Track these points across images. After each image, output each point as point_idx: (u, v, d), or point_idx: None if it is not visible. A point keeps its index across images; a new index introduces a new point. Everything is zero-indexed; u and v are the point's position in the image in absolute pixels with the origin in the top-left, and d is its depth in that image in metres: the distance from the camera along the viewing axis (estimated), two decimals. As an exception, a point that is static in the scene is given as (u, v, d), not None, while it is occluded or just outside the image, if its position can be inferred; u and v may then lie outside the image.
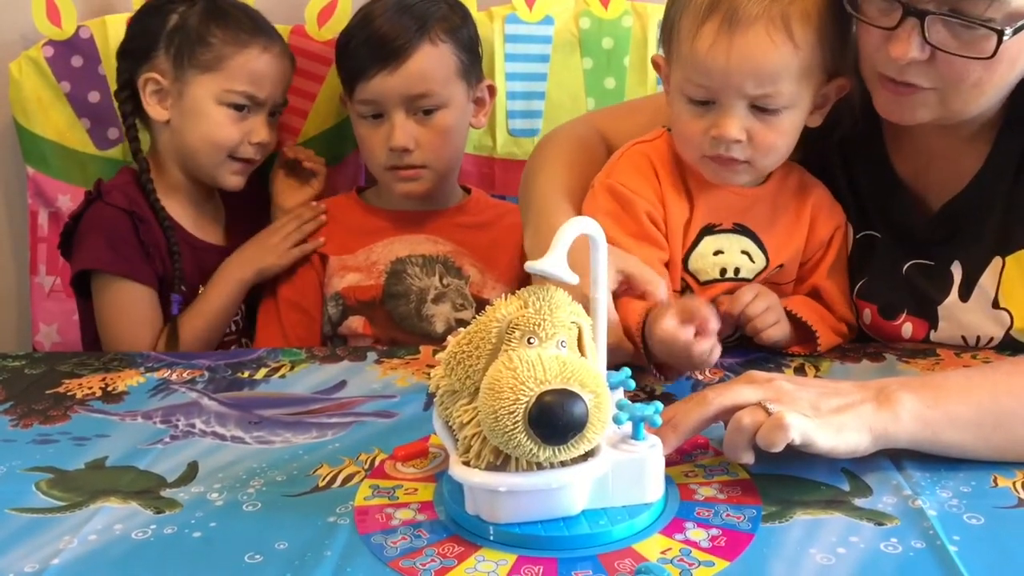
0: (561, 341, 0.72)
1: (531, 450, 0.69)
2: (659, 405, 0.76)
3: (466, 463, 0.74)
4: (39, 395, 1.03)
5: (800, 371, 1.05)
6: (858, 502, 0.77)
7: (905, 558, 0.70)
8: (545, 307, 0.72)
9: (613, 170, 1.12)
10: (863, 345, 1.13)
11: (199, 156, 1.36)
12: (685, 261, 1.09)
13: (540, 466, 0.72)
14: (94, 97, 1.51)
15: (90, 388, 1.05)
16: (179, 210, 1.40)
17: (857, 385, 0.84)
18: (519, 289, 0.75)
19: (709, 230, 1.09)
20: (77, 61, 1.50)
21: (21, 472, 0.87)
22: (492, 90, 1.42)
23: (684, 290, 1.10)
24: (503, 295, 0.75)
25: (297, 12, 1.52)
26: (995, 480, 0.80)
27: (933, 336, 1.09)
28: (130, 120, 1.40)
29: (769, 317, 1.07)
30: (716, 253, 1.09)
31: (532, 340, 0.72)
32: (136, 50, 1.38)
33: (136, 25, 1.40)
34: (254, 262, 1.37)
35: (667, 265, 1.08)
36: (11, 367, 1.12)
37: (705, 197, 1.09)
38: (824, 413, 0.79)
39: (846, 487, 0.80)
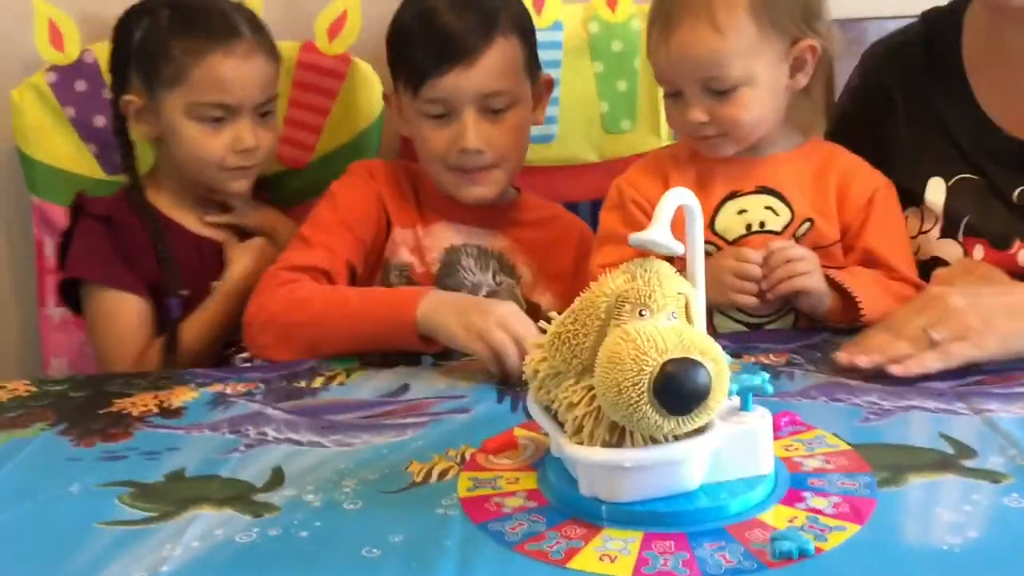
0: (672, 312, 0.72)
1: (655, 421, 0.68)
2: (765, 375, 0.76)
3: (578, 445, 0.72)
4: (92, 416, 1.00)
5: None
6: (967, 463, 0.78)
7: (1032, 510, 0.70)
8: (654, 279, 0.72)
9: (628, 170, 1.25)
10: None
11: (190, 171, 1.34)
12: (712, 226, 1.14)
13: (656, 442, 0.71)
14: (99, 121, 1.48)
15: (145, 406, 1.01)
16: (187, 214, 1.38)
17: None
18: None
19: (732, 196, 1.16)
20: (81, 86, 1.48)
21: (97, 488, 0.83)
22: (549, 84, 1.35)
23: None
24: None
25: (306, 28, 1.51)
26: (1094, 435, 0.81)
27: None
28: (123, 137, 1.37)
29: (801, 265, 1.08)
30: (740, 212, 1.15)
31: (644, 312, 0.71)
32: (114, 71, 1.36)
33: (113, 45, 1.37)
34: (258, 274, 1.28)
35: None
36: (54, 391, 1.08)
37: (725, 172, 1.16)
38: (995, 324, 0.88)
39: (950, 450, 0.80)
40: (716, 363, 0.69)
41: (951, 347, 0.92)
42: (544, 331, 0.80)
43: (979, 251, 1.14)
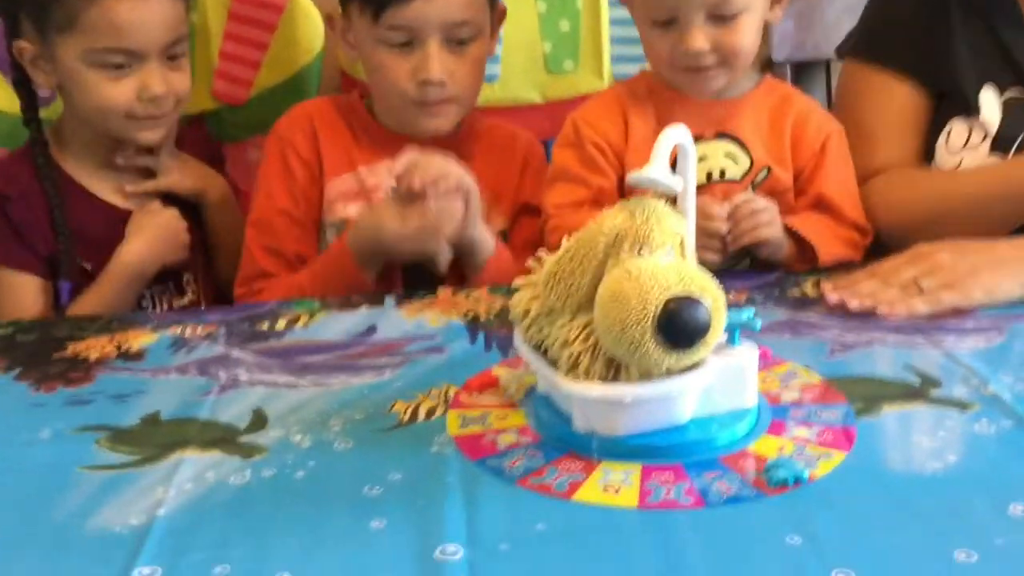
0: (669, 249, 0.73)
1: (657, 357, 0.69)
2: (752, 310, 0.78)
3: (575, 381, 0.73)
4: (48, 360, 0.96)
5: (818, 287, 1.07)
6: (934, 393, 0.81)
7: (1001, 435, 0.74)
8: (652, 217, 0.72)
9: (583, 107, 1.24)
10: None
11: (95, 123, 1.23)
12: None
13: (649, 377, 0.73)
14: (19, 53, 1.40)
15: (103, 349, 0.98)
16: (99, 178, 1.27)
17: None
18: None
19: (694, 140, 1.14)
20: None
21: (71, 432, 0.81)
22: (503, 14, 1.29)
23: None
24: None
25: (243, -42, 1.46)
26: (1047, 364, 0.86)
27: None
28: (22, 88, 1.25)
29: (764, 216, 1.10)
30: (700, 160, 1.16)
31: (643, 250, 0.72)
32: (3, 14, 1.24)
33: None
34: (155, 255, 1.23)
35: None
36: (0, 335, 1.03)
37: (685, 114, 1.14)
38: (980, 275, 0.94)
39: (917, 381, 0.84)
40: (715, 299, 0.70)
41: (939, 294, 0.96)
42: (529, 270, 0.81)
43: None
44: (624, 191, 1.17)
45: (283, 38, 1.46)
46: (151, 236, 1.24)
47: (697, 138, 1.13)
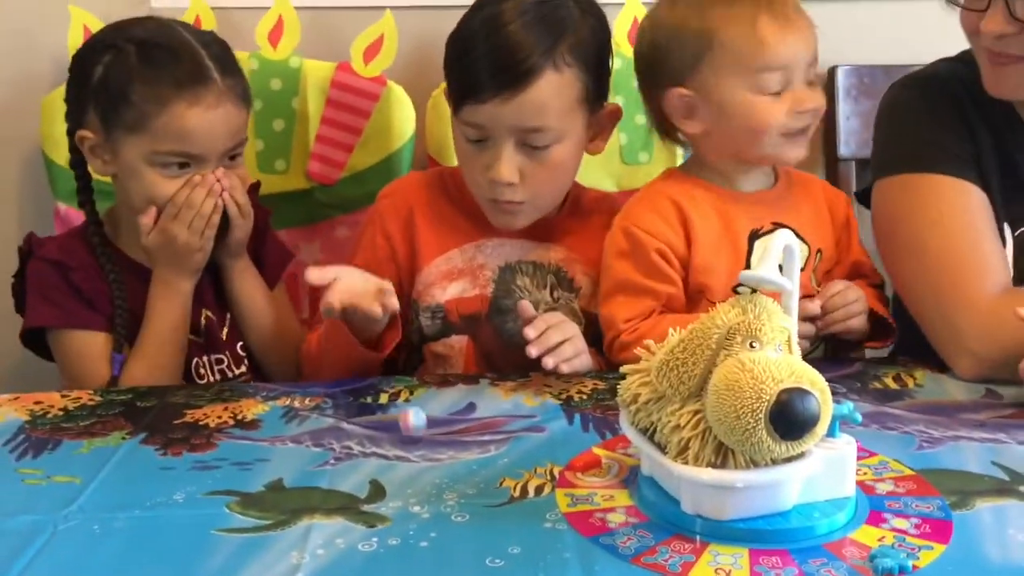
0: (778, 345, 0.78)
1: (768, 446, 0.74)
2: (851, 404, 0.82)
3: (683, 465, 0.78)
4: (169, 426, 1.02)
5: (899, 380, 1.12)
6: (1023, 488, 0.85)
7: (1095, 533, 0.78)
8: (763, 313, 0.78)
9: (630, 212, 1.23)
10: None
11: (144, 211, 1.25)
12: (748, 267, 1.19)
13: (756, 465, 0.77)
14: (126, 130, 1.49)
15: (220, 417, 1.04)
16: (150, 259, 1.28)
17: None
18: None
19: (755, 235, 1.20)
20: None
21: (203, 496, 0.86)
22: (614, 114, 1.26)
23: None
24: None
25: (343, 48, 1.55)
26: None
27: None
28: (79, 171, 1.29)
29: (855, 307, 1.16)
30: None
31: (754, 344, 0.77)
32: (69, 103, 1.28)
33: (71, 76, 1.28)
34: (175, 265, 1.24)
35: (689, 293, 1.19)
36: (121, 400, 1.09)
37: (744, 208, 1.20)
38: None
39: (1006, 477, 0.87)
40: (823, 393, 0.75)
41: None
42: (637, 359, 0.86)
43: None
44: (689, 293, 1.19)
45: (377, 124, 1.55)
46: (156, 261, 1.26)
47: (757, 231, 1.20)
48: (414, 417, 0.98)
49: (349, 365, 1.17)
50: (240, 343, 1.33)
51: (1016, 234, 1.17)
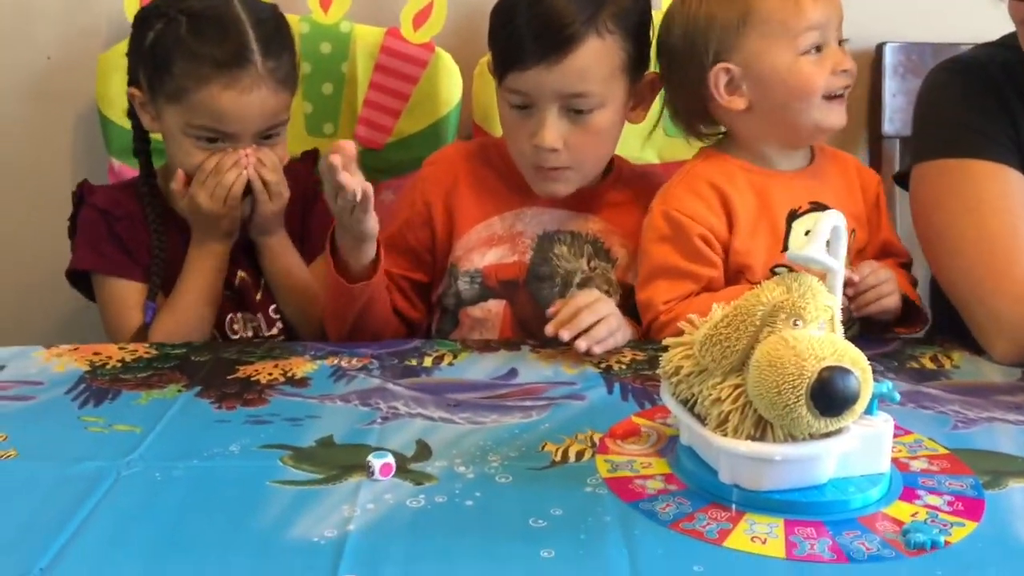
0: (821, 323, 0.80)
1: (808, 421, 0.76)
2: (889, 383, 0.84)
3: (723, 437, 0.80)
4: (223, 380, 1.06)
5: (936, 361, 1.13)
6: (1057, 471, 0.87)
7: (1125, 515, 0.79)
8: (808, 292, 0.79)
9: (670, 195, 1.24)
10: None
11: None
12: (785, 247, 1.20)
13: (794, 439, 0.79)
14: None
15: (271, 374, 1.07)
16: None
17: None
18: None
19: (794, 215, 1.22)
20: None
21: (257, 449, 0.90)
22: (655, 84, 1.28)
23: None
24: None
25: (392, 14, 1.57)
26: None
27: None
28: (135, 121, 1.33)
29: (886, 288, 1.17)
30: (807, 233, 1.18)
31: (798, 322, 0.79)
32: (128, 59, 1.32)
33: (132, 34, 1.32)
34: (204, 229, 1.27)
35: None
36: (176, 354, 1.13)
37: (782, 188, 1.22)
38: None
39: (1040, 459, 0.89)
40: (864, 372, 0.77)
41: None
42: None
43: None
44: (728, 274, 1.21)
45: (424, 90, 1.57)
46: (208, 269, 1.29)
47: (795, 212, 1.22)
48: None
49: (339, 307, 1.21)
50: (273, 306, 1.36)
51: None
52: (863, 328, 1.23)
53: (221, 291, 1.31)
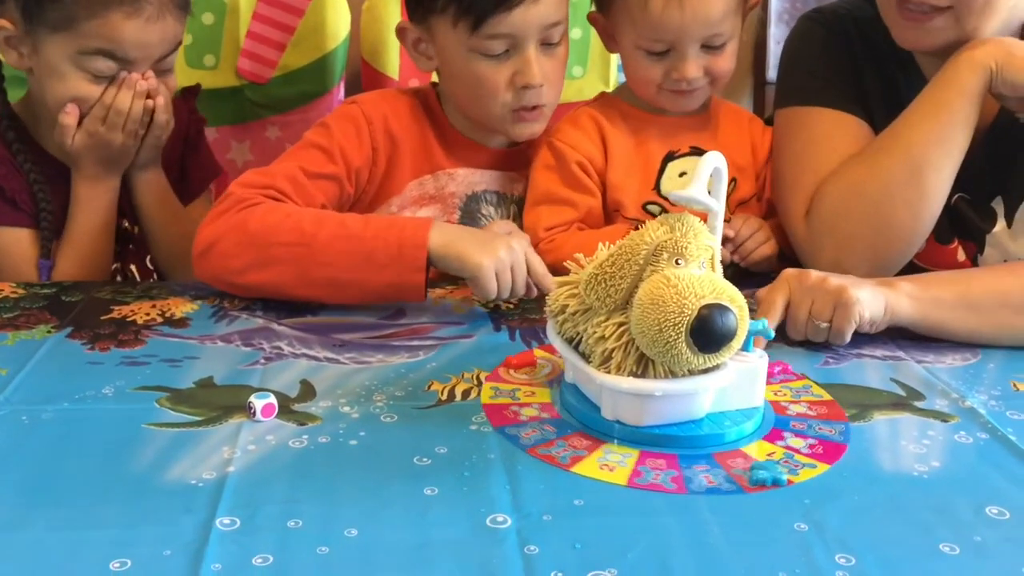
0: (702, 262, 0.81)
1: (687, 357, 0.78)
2: (765, 320, 0.86)
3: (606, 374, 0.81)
4: (96, 321, 1.02)
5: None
6: (918, 404, 0.91)
7: (978, 445, 0.84)
8: (690, 232, 0.81)
9: (557, 129, 1.28)
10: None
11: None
12: (657, 187, 1.24)
13: (674, 375, 0.81)
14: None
15: (148, 315, 1.04)
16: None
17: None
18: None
19: (671, 156, 1.26)
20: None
21: (132, 391, 0.87)
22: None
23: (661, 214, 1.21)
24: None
25: (276, -56, 1.51)
26: (1014, 385, 0.95)
27: (980, 261, 1.19)
28: None
29: (760, 236, 1.21)
30: (681, 174, 1.25)
31: (680, 261, 0.80)
32: None
33: None
34: (106, 164, 1.21)
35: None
36: (44, 294, 1.08)
37: (659, 131, 1.26)
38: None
39: (902, 392, 0.93)
40: (741, 309, 0.79)
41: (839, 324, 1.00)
42: (568, 271, 0.89)
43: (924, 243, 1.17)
44: (607, 208, 1.24)
45: (310, 23, 1.53)
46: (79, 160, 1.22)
47: (673, 154, 1.25)
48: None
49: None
50: (148, 256, 1.31)
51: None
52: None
53: (114, 228, 1.25)
